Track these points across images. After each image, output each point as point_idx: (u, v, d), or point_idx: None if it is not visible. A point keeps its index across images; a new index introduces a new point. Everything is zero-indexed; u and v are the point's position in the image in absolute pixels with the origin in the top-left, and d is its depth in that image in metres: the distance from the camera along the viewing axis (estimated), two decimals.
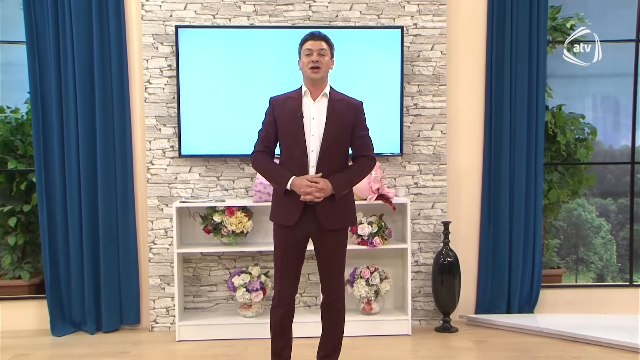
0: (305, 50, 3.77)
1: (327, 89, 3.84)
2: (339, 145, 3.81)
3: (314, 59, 3.73)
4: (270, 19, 5.29)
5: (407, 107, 5.38)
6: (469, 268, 5.49)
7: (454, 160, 5.51)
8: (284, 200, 3.79)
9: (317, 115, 3.79)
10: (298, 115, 3.75)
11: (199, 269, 5.40)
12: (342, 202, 3.82)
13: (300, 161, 3.76)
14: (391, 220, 5.36)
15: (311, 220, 3.77)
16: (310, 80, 3.80)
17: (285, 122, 3.79)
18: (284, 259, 3.84)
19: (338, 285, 3.90)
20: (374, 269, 5.25)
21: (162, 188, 5.32)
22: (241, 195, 5.35)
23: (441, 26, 5.38)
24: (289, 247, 3.83)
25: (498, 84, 5.41)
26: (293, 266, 3.87)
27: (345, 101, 3.86)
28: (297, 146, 3.76)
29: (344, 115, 3.80)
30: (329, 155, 3.76)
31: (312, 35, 3.80)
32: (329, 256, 3.86)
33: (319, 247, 3.85)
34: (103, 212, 5.22)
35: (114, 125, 5.22)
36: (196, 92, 5.20)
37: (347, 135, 3.81)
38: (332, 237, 3.82)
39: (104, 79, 5.19)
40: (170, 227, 5.29)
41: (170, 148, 5.30)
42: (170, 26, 5.24)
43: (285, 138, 3.82)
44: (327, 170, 3.75)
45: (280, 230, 3.85)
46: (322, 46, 3.76)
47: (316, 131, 3.77)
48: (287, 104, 3.82)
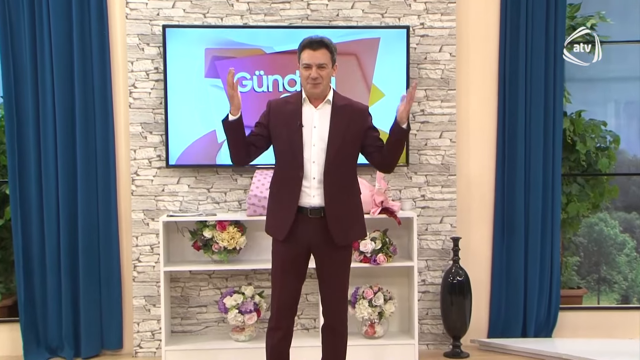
0: (303, 64, 3.76)
1: (330, 95, 3.84)
2: (347, 154, 3.81)
3: (314, 74, 3.72)
4: (266, 18, 5.30)
5: (414, 113, 5.38)
6: (481, 288, 5.49)
7: (464, 170, 5.51)
8: (276, 211, 3.84)
9: (319, 123, 3.80)
10: (297, 125, 3.76)
11: (187, 288, 5.38)
12: (353, 213, 3.85)
13: (294, 174, 3.77)
14: (396, 236, 5.34)
15: (314, 234, 3.78)
16: (309, 93, 3.81)
17: (281, 129, 3.80)
18: (284, 276, 3.84)
19: (341, 306, 3.91)
20: (377, 289, 5.24)
21: (148, 201, 5.31)
22: (234, 209, 5.34)
23: (450, 26, 5.40)
24: (288, 262, 3.83)
25: (512, 88, 5.41)
26: (293, 284, 3.87)
27: (351, 106, 3.87)
28: (292, 158, 3.77)
29: (350, 121, 3.80)
30: (335, 166, 3.76)
31: (311, 43, 3.75)
32: (332, 274, 3.86)
33: (321, 263, 3.86)
34: (83, 227, 5.21)
35: (96, 132, 5.22)
36: (185, 96, 5.20)
37: (355, 143, 3.82)
38: (336, 252, 3.83)
39: (84, 82, 5.19)
40: (156, 243, 5.28)
41: (156, 157, 5.30)
42: (157, 26, 5.24)
43: (280, 148, 3.84)
44: (334, 182, 3.76)
45: (280, 244, 3.85)
46: (321, 60, 3.72)
47: (318, 140, 3.77)
48: (286, 109, 3.82)
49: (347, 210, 3.83)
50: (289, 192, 3.79)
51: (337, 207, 3.77)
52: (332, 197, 3.76)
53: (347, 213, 3.82)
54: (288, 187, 3.79)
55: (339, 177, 3.78)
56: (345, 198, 3.82)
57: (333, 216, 3.76)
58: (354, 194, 3.90)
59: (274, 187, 3.90)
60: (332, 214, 3.76)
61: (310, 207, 3.78)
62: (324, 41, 3.77)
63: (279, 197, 3.85)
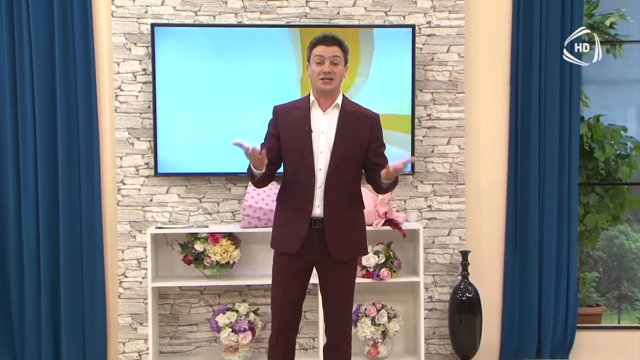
0: (315, 57, 3.77)
1: (340, 99, 3.85)
2: (350, 163, 3.82)
3: (326, 69, 3.74)
4: (262, 16, 5.30)
5: (420, 118, 5.39)
6: (492, 305, 5.49)
7: (474, 179, 5.51)
8: (286, 224, 3.85)
9: (326, 128, 3.81)
10: (306, 129, 3.78)
11: (177, 305, 5.38)
12: (353, 228, 3.87)
13: (306, 182, 3.78)
14: (401, 250, 5.35)
15: (317, 247, 3.80)
16: (320, 91, 3.82)
17: (290, 136, 3.82)
18: (286, 291, 3.86)
19: (345, 324, 3.92)
20: (380, 306, 5.24)
21: (135, 212, 5.30)
22: (227, 220, 5.34)
23: (459, 25, 5.40)
24: (291, 277, 3.86)
25: (525, 91, 5.41)
26: (295, 300, 3.90)
27: (359, 113, 3.88)
28: (303, 165, 3.78)
29: (357, 129, 3.82)
30: (337, 175, 3.78)
31: (325, 39, 3.79)
32: (335, 289, 3.88)
33: (324, 279, 3.89)
34: (65, 240, 5.20)
35: (79, 138, 5.21)
36: (175, 100, 5.21)
37: (359, 152, 3.83)
38: (340, 267, 3.85)
39: (67, 85, 5.18)
40: (143, 257, 5.27)
41: (144, 165, 5.29)
42: (145, 24, 5.23)
43: (290, 154, 3.84)
44: (335, 192, 3.78)
45: (282, 258, 3.88)
46: (335, 53, 3.76)
47: (325, 147, 3.79)
48: (293, 115, 3.84)
49: (348, 223, 3.85)
50: (301, 202, 3.80)
51: (337, 219, 3.79)
52: (332, 208, 3.78)
53: (347, 226, 3.83)
54: (300, 196, 3.80)
55: (340, 187, 3.79)
56: (346, 210, 3.84)
57: (331, 228, 3.78)
58: (356, 208, 3.91)
59: (285, 196, 3.90)
60: (331, 226, 3.78)
61: (315, 217, 3.80)
62: (338, 38, 3.82)
63: (290, 208, 3.85)
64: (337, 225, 3.79)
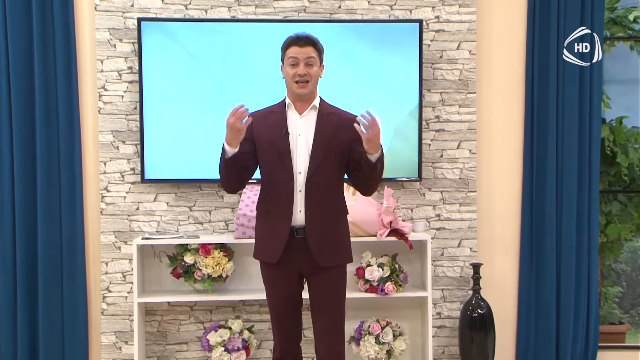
0: (289, 59, 3.85)
1: (317, 101, 3.93)
2: (330, 166, 3.87)
3: (301, 71, 3.82)
4: (257, 10, 5.30)
5: (427, 120, 5.40)
6: (505, 322, 5.48)
7: (486, 186, 5.51)
8: (267, 231, 3.91)
9: (304, 131, 3.87)
10: (283, 132, 3.84)
11: (165, 323, 5.35)
12: (337, 233, 3.92)
13: (286, 186, 3.83)
14: (407, 262, 5.34)
15: (301, 255, 3.85)
16: (295, 95, 3.90)
17: (266, 140, 3.88)
18: (277, 304, 3.93)
19: (336, 339, 3.93)
20: (385, 323, 5.22)
21: (120, 221, 5.29)
22: (219, 230, 5.34)
23: (470, 19, 5.39)
24: (280, 288, 3.91)
25: (541, 90, 5.40)
26: (290, 312, 3.95)
27: (337, 115, 3.94)
28: (282, 169, 3.84)
29: (336, 130, 3.87)
30: (318, 178, 3.83)
31: (298, 39, 3.85)
32: (324, 299, 3.92)
33: (311, 288, 3.94)
34: (44, 251, 5.18)
35: (59, 142, 5.19)
36: (164, 101, 5.21)
37: (339, 156, 3.88)
38: (327, 276, 3.89)
39: (46, 84, 5.17)
40: (129, 270, 5.25)
41: (130, 171, 5.28)
42: (131, 19, 5.23)
43: (267, 159, 3.90)
44: (317, 197, 3.83)
45: (268, 269, 3.94)
46: (309, 54, 3.83)
47: (303, 150, 3.85)
48: (269, 119, 3.91)
49: (331, 228, 3.90)
50: (281, 207, 3.85)
51: (319, 224, 3.85)
52: (314, 212, 3.83)
53: (331, 231, 3.89)
54: (280, 201, 3.85)
55: (321, 190, 3.84)
56: (328, 214, 3.89)
57: (314, 233, 3.84)
58: (338, 213, 3.95)
59: (263, 204, 3.96)
60: (314, 231, 3.84)
61: (297, 225, 3.85)
62: (312, 38, 3.88)
63: (269, 215, 3.92)
64: (321, 230, 3.84)
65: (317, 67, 3.85)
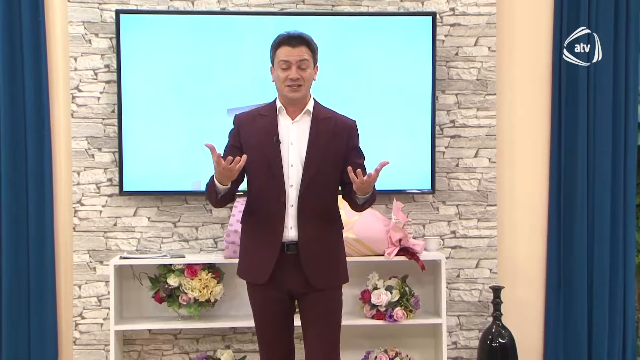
0: (280, 62, 3.82)
1: (311, 105, 3.90)
2: (325, 178, 3.85)
3: (293, 75, 3.78)
4: (250, 2, 5.30)
5: (442, 125, 5.38)
6: (530, 353, 5.42)
7: (508, 199, 5.47)
8: (254, 249, 3.88)
9: (297, 138, 3.84)
10: (274, 141, 3.82)
11: (145, 353, 5.32)
12: (332, 251, 3.90)
13: (276, 200, 3.80)
14: (419, 285, 5.31)
15: (292, 275, 3.82)
16: (287, 99, 3.87)
17: (255, 148, 3.83)
18: (266, 327, 3.91)
19: None
20: (394, 354, 5.18)
21: (96, 238, 5.26)
22: (208, 249, 5.32)
23: (489, 12, 5.38)
24: (269, 310, 3.88)
25: (570, 92, 5.38)
26: (280, 337, 3.92)
27: (334, 120, 3.91)
28: (272, 181, 3.81)
29: (332, 138, 3.85)
30: (312, 192, 3.80)
31: (289, 38, 3.82)
32: (318, 323, 3.88)
33: (303, 311, 3.92)
34: (8, 273, 5.16)
35: (27, 149, 5.17)
36: (145, 103, 5.20)
37: (335, 165, 3.86)
38: (320, 297, 3.85)
39: (12, 85, 5.16)
40: (105, 293, 5.20)
41: (107, 182, 5.25)
42: (108, 11, 5.21)
43: (256, 170, 3.86)
44: (310, 211, 3.80)
45: (255, 290, 3.92)
46: (302, 56, 3.80)
47: (296, 160, 3.83)
48: (258, 124, 3.88)
49: (325, 246, 3.88)
50: (271, 223, 3.82)
51: (313, 242, 3.82)
52: (307, 229, 3.81)
53: (325, 250, 3.86)
54: (270, 217, 3.82)
55: (315, 205, 3.81)
56: (323, 231, 3.86)
57: (307, 252, 3.81)
58: (334, 229, 3.93)
59: (250, 217, 3.92)
60: (306, 250, 3.81)
61: (288, 241, 3.81)
62: (305, 37, 3.84)
63: (257, 230, 3.88)
64: (314, 248, 3.82)
65: (310, 70, 3.82)
